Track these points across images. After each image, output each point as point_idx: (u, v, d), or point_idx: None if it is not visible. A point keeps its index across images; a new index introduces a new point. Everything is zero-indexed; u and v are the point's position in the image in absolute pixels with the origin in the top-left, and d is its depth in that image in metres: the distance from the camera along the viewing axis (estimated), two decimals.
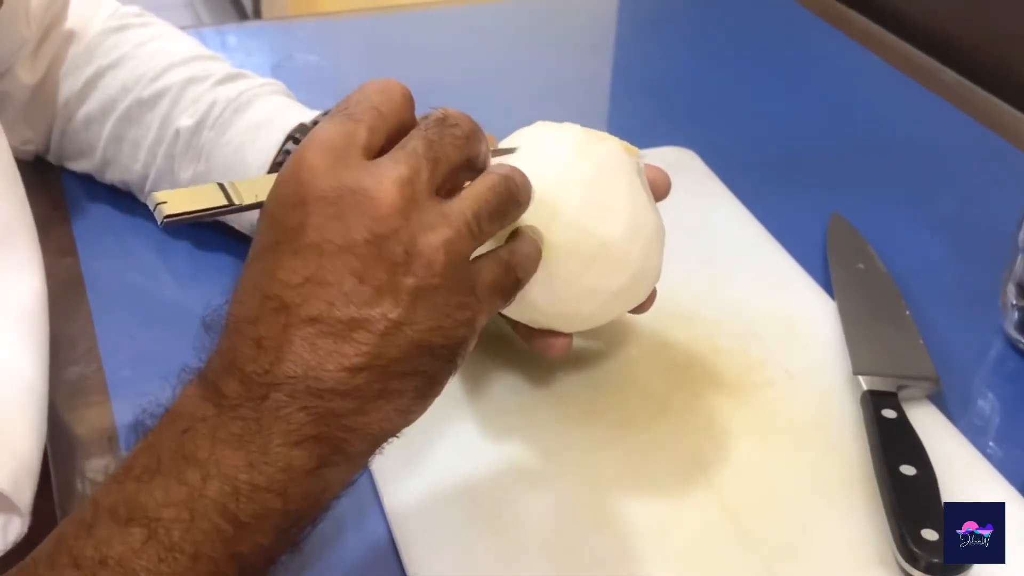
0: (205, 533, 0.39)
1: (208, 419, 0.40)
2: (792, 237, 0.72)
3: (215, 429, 0.39)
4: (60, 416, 0.59)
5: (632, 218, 0.51)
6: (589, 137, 0.52)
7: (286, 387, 0.40)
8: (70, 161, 0.75)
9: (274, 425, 0.39)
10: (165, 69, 0.70)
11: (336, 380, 0.40)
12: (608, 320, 0.55)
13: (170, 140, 0.68)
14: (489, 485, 0.54)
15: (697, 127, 0.88)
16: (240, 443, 0.39)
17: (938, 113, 0.91)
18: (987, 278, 0.68)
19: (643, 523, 0.52)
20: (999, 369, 0.65)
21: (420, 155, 0.42)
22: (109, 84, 0.71)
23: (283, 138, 0.65)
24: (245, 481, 0.39)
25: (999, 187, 0.82)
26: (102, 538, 0.38)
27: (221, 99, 0.68)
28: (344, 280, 0.40)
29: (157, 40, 0.73)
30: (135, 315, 0.67)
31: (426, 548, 0.51)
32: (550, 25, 1.07)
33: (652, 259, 0.53)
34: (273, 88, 0.70)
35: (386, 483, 0.54)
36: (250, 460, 0.39)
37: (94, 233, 0.72)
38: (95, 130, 0.71)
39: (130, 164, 0.71)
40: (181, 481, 0.39)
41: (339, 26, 1.09)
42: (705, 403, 0.59)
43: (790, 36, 1.05)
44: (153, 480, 0.39)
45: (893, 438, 0.55)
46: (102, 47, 0.72)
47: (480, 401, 0.59)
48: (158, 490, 0.39)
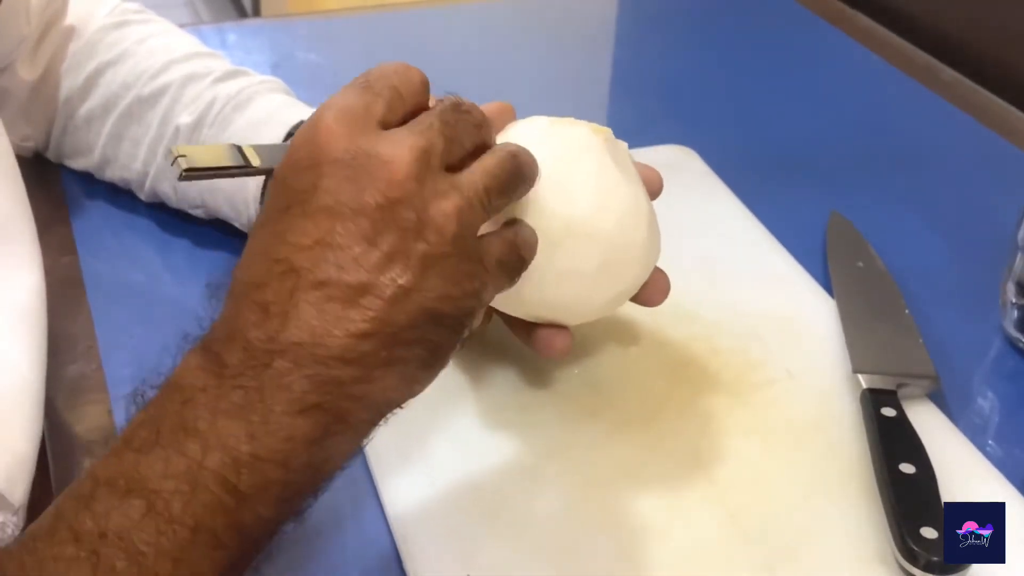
0: (205, 505, 0.38)
1: (209, 389, 0.39)
2: (792, 235, 0.72)
3: (216, 399, 0.39)
4: (60, 414, 0.59)
5: (598, 195, 0.51)
6: (553, 125, 0.52)
7: (290, 354, 0.39)
8: (69, 159, 0.75)
9: (276, 394, 0.39)
10: (165, 66, 0.70)
11: (342, 346, 0.39)
12: (602, 307, 0.54)
13: (170, 137, 0.68)
14: (489, 484, 0.54)
15: (697, 125, 0.88)
16: (241, 413, 0.39)
17: (938, 112, 0.91)
18: (987, 277, 0.68)
19: (643, 522, 0.52)
20: (999, 367, 0.65)
21: (436, 131, 0.42)
22: (110, 81, 0.71)
23: (284, 135, 0.65)
24: (246, 452, 0.38)
25: (999, 186, 0.82)
26: (100, 511, 0.38)
27: (221, 96, 0.68)
28: (355, 244, 0.40)
29: (157, 37, 0.73)
30: (135, 314, 0.67)
31: (425, 547, 0.51)
32: (550, 24, 1.07)
33: (630, 234, 0.52)
34: (273, 86, 0.70)
35: (386, 482, 0.54)
36: (251, 431, 0.39)
37: (94, 232, 0.72)
38: (96, 127, 0.71)
39: (130, 162, 0.71)
40: (181, 453, 0.38)
41: (339, 24, 1.09)
42: (704, 402, 0.59)
43: (790, 34, 1.05)
44: (153, 452, 0.38)
45: (893, 436, 0.55)
46: (103, 43, 0.72)
47: (480, 400, 0.59)
48: (158, 462, 0.38)
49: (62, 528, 0.38)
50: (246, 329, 0.40)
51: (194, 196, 0.69)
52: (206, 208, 0.69)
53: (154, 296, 0.69)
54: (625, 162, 0.53)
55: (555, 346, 0.54)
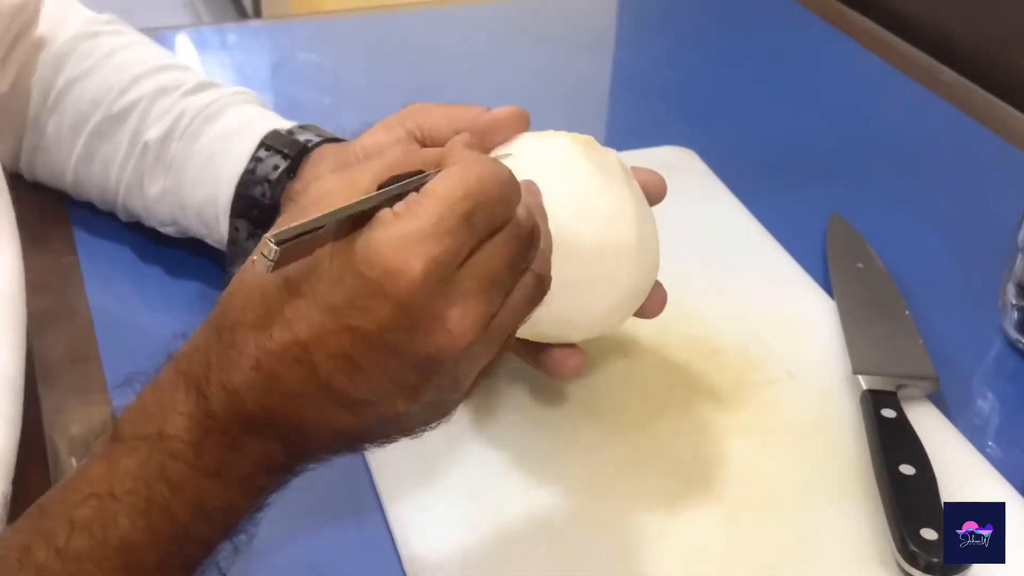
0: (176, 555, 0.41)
1: (195, 443, 0.41)
2: (792, 237, 0.72)
3: (200, 454, 0.41)
4: (59, 415, 0.59)
5: (576, 203, 0.50)
6: (531, 139, 0.52)
7: (279, 427, 0.41)
8: (43, 179, 0.73)
9: (253, 455, 0.41)
10: (134, 80, 0.68)
11: (324, 436, 0.42)
12: (601, 317, 0.53)
13: (139, 154, 0.66)
14: (489, 485, 0.54)
15: (697, 126, 0.88)
16: (221, 472, 0.41)
17: (938, 113, 0.91)
18: (987, 278, 0.68)
19: (643, 523, 0.52)
20: (999, 368, 0.65)
21: (498, 297, 0.42)
22: (79, 98, 0.69)
23: (255, 145, 0.63)
24: (218, 508, 0.41)
25: (999, 187, 0.82)
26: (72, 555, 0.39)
27: (190, 109, 0.66)
28: (380, 377, 0.40)
29: (127, 49, 0.71)
30: (135, 313, 0.67)
31: (425, 548, 0.51)
32: (550, 25, 1.07)
33: (616, 239, 0.51)
34: (244, 97, 0.68)
35: (386, 483, 0.54)
36: (226, 489, 0.41)
37: (94, 231, 0.72)
38: (66, 148, 0.69)
39: (103, 182, 0.69)
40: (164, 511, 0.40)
41: (339, 25, 1.09)
42: (705, 403, 0.59)
43: (790, 36, 1.05)
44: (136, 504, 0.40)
45: (892, 437, 0.55)
46: (72, 56, 0.70)
47: (479, 401, 0.59)
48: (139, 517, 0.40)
49: (29, 565, 0.39)
50: (243, 390, 0.40)
51: (164, 214, 0.67)
52: (177, 226, 0.67)
53: (155, 296, 0.69)
54: (612, 168, 0.53)
55: (568, 366, 0.53)
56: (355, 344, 0.39)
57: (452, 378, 0.42)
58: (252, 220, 0.62)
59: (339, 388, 0.40)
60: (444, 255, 0.39)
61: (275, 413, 0.40)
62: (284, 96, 0.91)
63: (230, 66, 0.95)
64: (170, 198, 0.65)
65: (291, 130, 0.64)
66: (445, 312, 0.40)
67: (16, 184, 0.60)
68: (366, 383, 0.40)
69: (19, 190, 0.59)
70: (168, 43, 0.94)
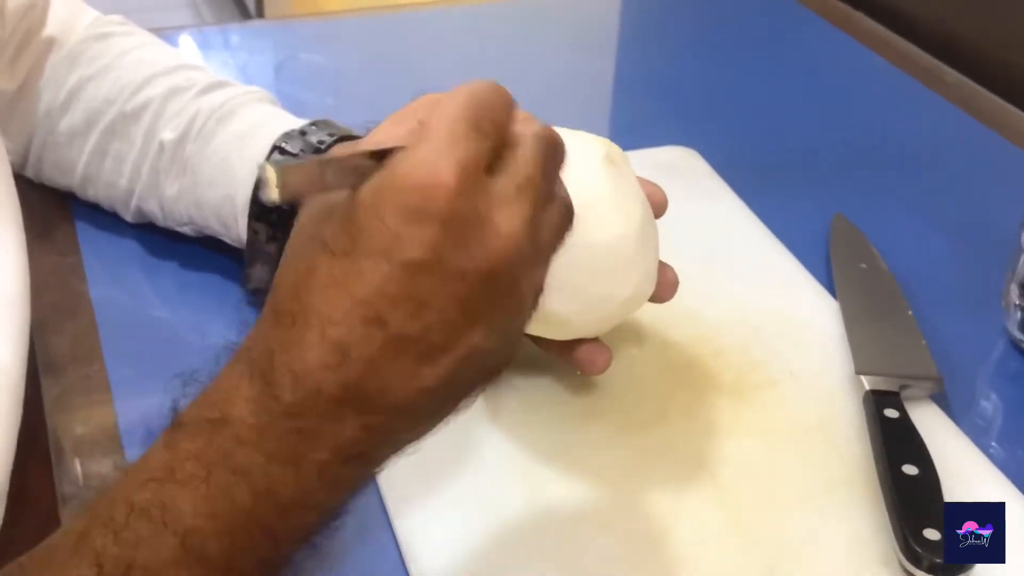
0: (242, 548, 0.38)
1: (261, 428, 0.38)
2: (794, 237, 0.72)
3: (267, 439, 0.38)
4: (62, 415, 0.60)
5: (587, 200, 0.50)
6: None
7: (358, 404, 0.38)
8: (49, 177, 0.73)
9: (329, 440, 0.38)
10: (148, 80, 0.68)
11: (408, 400, 0.39)
12: (600, 319, 0.54)
13: (155, 154, 0.67)
14: (491, 486, 0.54)
15: (699, 126, 0.88)
16: (293, 459, 0.38)
17: (941, 113, 0.91)
18: (990, 278, 0.68)
19: (646, 523, 0.52)
20: (1002, 369, 0.65)
21: (542, 194, 0.41)
22: (92, 95, 0.69)
23: (269, 146, 0.63)
24: (291, 499, 0.38)
25: (1002, 187, 0.82)
26: (130, 540, 0.37)
27: (204, 109, 0.66)
28: (450, 307, 0.38)
29: (140, 49, 0.71)
30: (138, 313, 0.67)
31: (428, 548, 0.51)
32: (552, 25, 1.07)
33: (618, 239, 0.52)
34: (257, 96, 0.69)
35: (388, 484, 0.54)
36: (300, 479, 0.38)
37: (97, 231, 0.72)
38: (78, 144, 0.69)
39: (114, 179, 0.69)
40: (229, 498, 0.38)
41: (342, 25, 1.09)
42: (707, 403, 0.59)
43: (792, 35, 1.05)
44: (198, 490, 0.38)
45: (895, 438, 0.55)
46: (84, 56, 0.70)
47: (482, 402, 0.58)
48: (202, 503, 0.38)
49: (86, 550, 0.37)
50: (316, 371, 0.38)
51: (181, 214, 0.67)
52: (194, 225, 0.67)
53: (157, 296, 0.69)
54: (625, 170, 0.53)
55: (598, 364, 0.56)
56: (415, 280, 0.38)
57: (517, 298, 0.40)
58: (271, 223, 0.62)
59: (413, 335, 0.38)
60: (468, 157, 0.39)
61: (354, 388, 0.38)
62: (287, 96, 0.90)
63: (233, 67, 0.95)
64: (187, 198, 0.66)
65: (304, 130, 0.64)
66: (492, 216, 0.39)
67: (20, 183, 0.60)
68: (439, 320, 0.38)
69: (23, 189, 0.59)
70: (171, 44, 0.94)
